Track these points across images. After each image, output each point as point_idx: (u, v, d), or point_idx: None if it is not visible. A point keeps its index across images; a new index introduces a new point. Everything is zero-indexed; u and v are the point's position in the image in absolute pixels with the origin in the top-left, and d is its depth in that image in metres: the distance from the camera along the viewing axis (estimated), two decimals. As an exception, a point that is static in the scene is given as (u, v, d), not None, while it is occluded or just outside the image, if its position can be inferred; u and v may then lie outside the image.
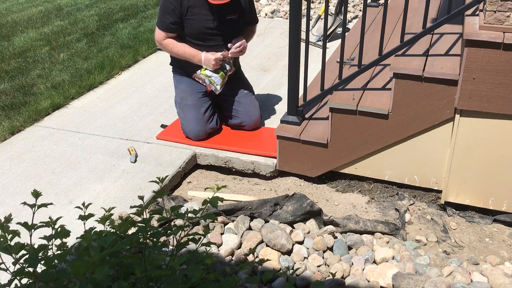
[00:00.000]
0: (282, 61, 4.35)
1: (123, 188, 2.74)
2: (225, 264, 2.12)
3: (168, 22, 2.94)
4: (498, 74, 2.23)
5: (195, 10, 2.90)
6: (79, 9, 6.33)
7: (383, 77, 2.82)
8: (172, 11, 2.90)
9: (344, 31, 2.65)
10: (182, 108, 3.15)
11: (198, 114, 3.09)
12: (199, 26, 2.94)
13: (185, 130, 3.14)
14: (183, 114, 3.14)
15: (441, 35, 2.74)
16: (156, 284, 1.26)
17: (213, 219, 2.33)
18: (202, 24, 2.94)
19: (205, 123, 3.10)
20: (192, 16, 2.92)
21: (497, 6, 2.13)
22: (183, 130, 3.16)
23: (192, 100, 3.10)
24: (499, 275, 2.04)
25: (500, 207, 2.52)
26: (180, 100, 3.16)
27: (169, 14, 2.91)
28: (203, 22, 2.93)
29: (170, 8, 2.90)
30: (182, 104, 3.15)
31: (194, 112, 3.09)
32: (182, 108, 3.15)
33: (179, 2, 2.88)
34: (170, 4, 2.89)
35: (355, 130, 2.66)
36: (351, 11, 5.55)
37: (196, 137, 3.09)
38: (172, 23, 2.94)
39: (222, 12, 2.94)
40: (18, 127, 3.38)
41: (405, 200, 2.69)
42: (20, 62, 4.61)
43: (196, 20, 2.93)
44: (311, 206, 2.45)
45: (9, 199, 2.67)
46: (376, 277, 2.06)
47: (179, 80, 3.21)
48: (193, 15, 2.91)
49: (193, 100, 3.10)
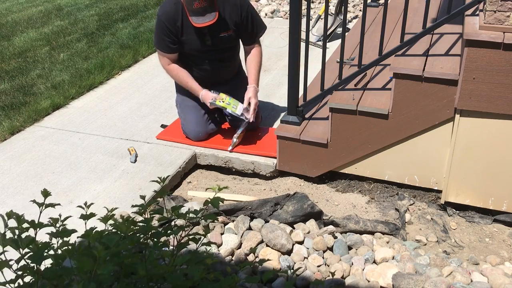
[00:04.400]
0: (282, 61, 4.36)
1: (123, 188, 2.74)
2: (225, 264, 2.12)
3: (166, 43, 2.90)
4: (498, 74, 2.23)
5: (188, 30, 2.87)
6: (79, 9, 6.33)
7: (383, 77, 2.82)
8: (164, 30, 2.85)
9: (344, 31, 2.65)
10: (183, 108, 3.15)
11: (198, 115, 3.09)
12: (195, 45, 2.92)
13: (185, 131, 3.14)
14: (184, 115, 3.14)
15: (441, 35, 2.74)
16: (156, 284, 1.26)
17: (214, 219, 2.33)
18: (197, 43, 2.91)
19: (205, 124, 3.10)
20: (187, 36, 2.89)
21: (497, 6, 2.13)
22: (183, 131, 3.16)
23: (193, 101, 3.09)
24: (499, 275, 2.04)
25: (500, 207, 2.53)
26: (181, 101, 3.16)
27: (165, 35, 2.87)
28: (197, 41, 2.90)
29: (163, 27, 2.85)
30: (183, 105, 3.14)
31: (194, 113, 3.09)
32: (183, 109, 3.15)
33: (172, 23, 2.83)
34: (164, 26, 2.84)
35: (355, 130, 2.67)
36: (351, 11, 5.55)
37: (196, 138, 3.09)
38: (171, 43, 2.90)
39: (213, 31, 2.89)
40: (18, 127, 3.38)
41: (405, 200, 2.69)
42: (20, 62, 4.61)
43: (190, 40, 2.90)
44: (312, 207, 2.45)
45: (9, 199, 2.67)
46: (376, 277, 2.06)
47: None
48: (188, 35, 2.88)
49: (194, 101, 3.09)
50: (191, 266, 1.28)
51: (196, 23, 2.74)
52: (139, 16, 5.92)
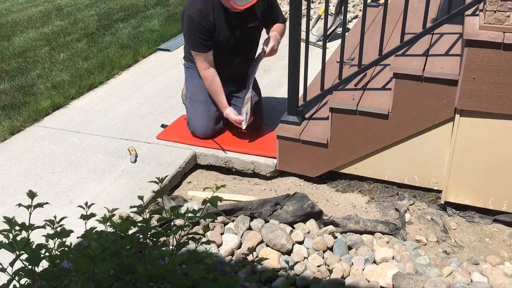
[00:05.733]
0: (282, 61, 4.35)
1: (123, 188, 2.74)
2: (225, 264, 2.12)
3: (200, 41, 2.88)
4: (498, 74, 2.23)
5: (220, 24, 2.88)
6: (79, 9, 6.33)
7: (383, 77, 2.82)
8: (199, 29, 2.83)
9: (344, 31, 2.65)
10: (193, 103, 3.13)
11: (209, 111, 3.09)
12: (224, 39, 2.92)
13: (193, 126, 3.12)
14: (193, 110, 3.13)
15: (441, 35, 2.74)
16: (156, 284, 1.26)
17: (213, 219, 2.34)
18: (227, 36, 2.92)
19: (214, 120, 3.10)
20: (219, 31, 2.89)
21: (497, 6, 2.13)
22: (190, 126, 3.15)
23: (205, 96, 3.09)
24: (499, 275, 2.04)
25: (500, 207, 2.52)
26: (192, 95, 3.14)
27: (199, 33, 2.85)
28: (228, 34, 2.91)
29: (197, 26, 2.83)
30: (194, 100, 3.13)
31: (205, 109, 3.08)
32: (193, 104, 3.13)
33: (205, 20, 2.83)
34: (198, 24, 2.83)
35: (355, 130, 2.66)
36: (351, 11, 5.55)
37: (203, 134, 3.09)
38: (205, 40, 2.88)
39: (243, 22, 2.92)
40: (18, 127, 3.38)
41: (405, 200, 2.69)
42: (20, 62, 4.61)
43: (221, 34, 2.90)
44: (312, 207, 2.45)
45: (9, 199, 2.67)
46: (376, 277, 2.06)
47: (192, 75, 3.17)
48: (219, 30, 2.89)
49: (206, 97, 3.08)
50: (190, 265, 1.28)
51: (239, 6, 2.72)
52: (139, 16, 5.92)
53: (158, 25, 5.47)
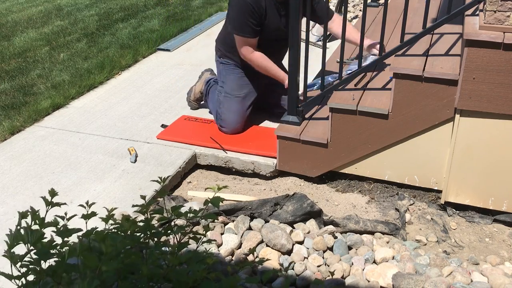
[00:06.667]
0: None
1: (123, 188, 2.74)
2: (225, 264, 2.12)
3: (252, 26, 2.85)
4: (498, 74, 2.23)
5: (270, 11, 2.87)
6: (79, 9, 6.33)
7: (383, 77, 2.83)
8: (252, 13, 2.80)
9: (344, 31, 2.65)
10: (229, 99, 3.14)
11: (243, 107, 3.15)
12: (273, 28, 2.92)
13: (224, 120, 3.14)
14: (228, 105, 3.14)
15: (441, 35, 2.74)
16: (156, 284, 1.26)
17: (214, 219, 2.34)
18: (275, 25, 2.91)
19: (245, 116, 3.16)
20: (268, 18, 2.88)
21: (497, 6, 2.14)
22: (218, 119, 3.17)
23: (243, 93, 3.14)
24: (499, 275, 2.05)
25: (500, 207, 2.53)
26: (231, 91, 3.15)
27: (251, 17, 2.81)
28: (275, 22, 2.91)
29: (249, 10, 2.79)
30: (231, 95, 3.14)
31: (240, 105, 3.13)
32: (230, 99, 3.14)
33: (259, 5, 2.80)
34: (251, 8, 2.79)
35: (355, 130, 2.67)
36: (351, 11, 5.55)
37: (233, 128, 3.14)
38: (256, 25, 2.84)
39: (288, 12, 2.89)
40: (18, 127, 3.38)
41: (405, 200, 2.69)
42: (20, 62, 4.61)
43: (270, 21, 2.89)
44: (312, 206, 2.46)
45: (9, 199, 2.67)
46: (376, 277, 2.06)
47: (229, 71, 3.19)
48: (269, 17, 2.88)
49: (244, 93, 3.14)
50: (191, 265, 1.28)
51: None
52: (139, 16, 5.92)
53: (158, 25, 5.47)
